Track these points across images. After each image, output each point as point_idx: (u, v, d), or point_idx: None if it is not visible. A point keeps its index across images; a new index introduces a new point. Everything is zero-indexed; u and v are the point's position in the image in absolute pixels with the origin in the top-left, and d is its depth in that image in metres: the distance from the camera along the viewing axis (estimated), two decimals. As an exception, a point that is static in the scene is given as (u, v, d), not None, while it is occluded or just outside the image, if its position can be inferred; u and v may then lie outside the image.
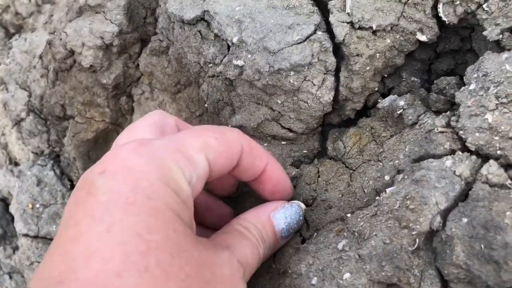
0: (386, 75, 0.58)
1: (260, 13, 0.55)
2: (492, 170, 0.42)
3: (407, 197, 0.44)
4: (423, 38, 0.54)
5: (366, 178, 0.53)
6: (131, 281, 0.30)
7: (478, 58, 0.50)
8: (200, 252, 0.36)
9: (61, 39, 0.73)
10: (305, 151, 0.60)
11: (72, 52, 0.72)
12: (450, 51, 0.58)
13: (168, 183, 0.35)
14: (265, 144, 0.60)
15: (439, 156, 0.45)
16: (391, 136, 0.54)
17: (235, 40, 0.56)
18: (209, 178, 0.41)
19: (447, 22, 0.53)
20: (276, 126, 0.58)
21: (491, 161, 0.42)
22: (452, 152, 0.45)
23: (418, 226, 0.42)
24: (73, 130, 0.76)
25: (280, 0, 0.55)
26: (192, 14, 0.60)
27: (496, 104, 0.44)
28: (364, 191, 0.52)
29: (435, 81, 0.55)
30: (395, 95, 0.56)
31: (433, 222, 0.41)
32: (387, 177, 0.49)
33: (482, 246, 0.39)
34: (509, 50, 0.46)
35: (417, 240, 0.42)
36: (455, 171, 0.43)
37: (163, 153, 0.37)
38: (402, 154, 0.50)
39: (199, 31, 0.61)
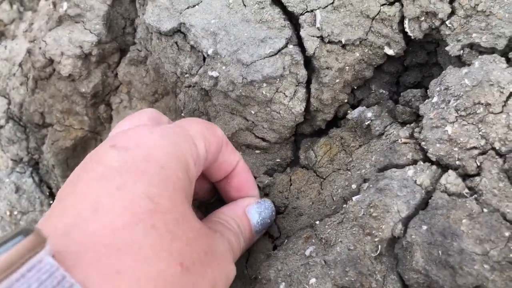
0: (356, 87, 0.60)
1: (234, 26, 0.57)
2: (450, 179, 0.44)
3: (371, 205, 0.46)
4: (390, 52, 0.57)
5: (335, 187, 0.55)
6: (138, 235, 0.30)
7: (442, 72, 0.53)
8: (201, 225, 0.38)
9: (40, 48, 0.74)
10: (278, 160, 0.62)
11: (51, 61, 0.73)
12: (417, 65, 0.60)
13: (180, 159, 0.37)
14: (240, 153, 0.62)
15: (402, 166, 0.48)
16: (360, 146, 0.56)
17: (210, 52, 0.58)
18: (203, 166, 0.44)
19: (413, 37, 0.55)
20: (250, 135, 0.60)
21: (450, 171, 0.44)
22: (414, 162, 0.47)
23: (380, 233, 0.44)
24: (52, 138, 0.76)
25: (254, 14, 0.57)
26: (169, 25, 0.61)
27: (456, 116, 0.46)
28: (333, 199, 0.54)
29: (401, 94, 0.57)
30: (364, 107, 0.58)
31: (394, 229, 0.43)
32: (354, 186, 0.51)
33: (440, 252, 0.41)
34: (468, 65, 0.49)
35: (379, 246, 0.43)
36: (416, 180, 0.45)
37: (173, 133, 0.39)
38: (369, 163, 0.52)
39: (176, 43, 0.62)
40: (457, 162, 0.45)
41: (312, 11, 0.54)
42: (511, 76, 0.45)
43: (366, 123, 0.56)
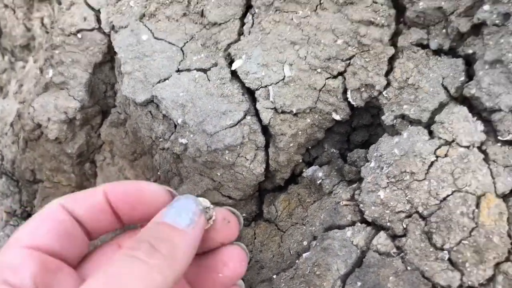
0: (310, 147, 0.67)
1: (200, 99, 0.64)
2: (381, 240, 0.51)
3: (315, 264, 0.52)
4: (337, 117, 0.64)
5: (293, 241, 0.61)
6: None
7: (384, 133, 0.60)
8: None
9: (29, 113, 0.81)
10: (244, 215, 0.69)
11: (39, 125, 0.80)
12: (363, 125, 0.67)
13: None
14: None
15: (343, 227, 0.54)
16: (314, 202, 0.63)
17: (179, 121, 0.65)
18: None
19: (355, 105, 0.62)
20: (218, 194, 0.67)
21: (381, 233, 0.51)
22: (353, 223, 0.54)
23: (322, 290, 0.50)
24: (42, 194, 0.83)
25: (216, 88, 0.64)
26: (143, 97, 0.69)
27: (387, 182, 0.53)
28: (290, 253, 0.60)
29: (348, 154, 0.64)
30: (317, 166, 0.65)
31: (334, 286, 0.50)
32: (305, 242, 0.58)
33: (371, 306, 0.48)
34: (400, 134, 0.56)
35: (322, 301, 0.50)
36: (353, 241, 0.52)
37: None
38: (319, 221, 0.59)
39: (150, 111, 0.70)
40: (388, 224, 0.52)
41: (266, 86, 0.62)
42: (432, 147, 0.52)
43: (318, 182, 0.63)
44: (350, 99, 0.62)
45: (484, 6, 0.52)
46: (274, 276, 0.57)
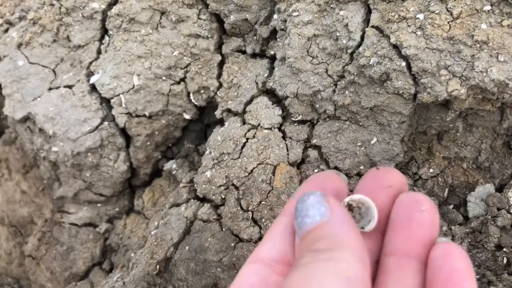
0: (171, 145, 0.78)
1: (66, 111, 0.74)
2: (204, 210, 0.62)
3: (157, 237, 0.63)
4: (188, 117, 0.75)
5: (152, 225, 0.71)
6: None
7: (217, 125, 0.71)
8: None
9: None
10: (117, 209, 0.78)
11: None
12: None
13: None
14: (85, 208, 0.78)
15: (180, 204, 0.65)
16: (172, 190, 0.74)
17: (50, 132, 0.75)
18: None
19: (198, 105, 0.74)
20: (90, 193, 0.76)
21: (205, 204, 0.62)
22: (188, 200, 0.65)
23: (158, 256, 0.60)
24: None
25: (79, 100, 0.74)
26: (21, 114, 0.78)
27: (213, 164, 0.64)
28: (150, 234, 0.70)
29: (198, 147, 0.75)
30: (174, 160, 0.76)
31: (167, 252, 0.60)
32: (156, 223, 0.68)
33: (193, 264, 0.58)
34: (224, 125, 0.68)
35: (157, 266, 0.60)
36: (184, 213, 0.63)
37: None
38: (168, 204, 0.69)
39: (28, 127, 0.79)
40: (212, 197, 0.63)
41: (118, 95, 0.73)
42: (243, 132, 0.64)
43: (173, 173, 0.74)
44: (193, 101, 0.74)
45: (274, 15, 0.65)
46: (132, 254, 0.67)
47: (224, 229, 0.59)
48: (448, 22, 0.52)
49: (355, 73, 0.57)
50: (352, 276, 0.27)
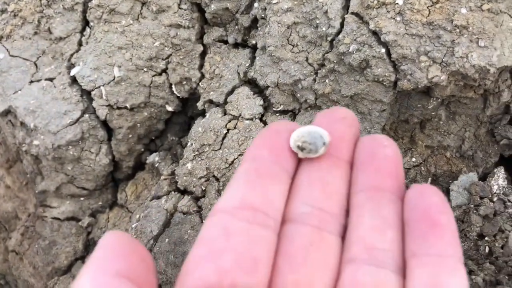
0: (155, 137, 0.77)
1: (46, 104, 0.73)
2: (184, 202, 0.61)
3: (138, 230, 0.62)
4: (170, 109, 0.74)
5: (135, 219, 0.70)
6: None
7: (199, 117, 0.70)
8: None
9: None
10: (100, 203, 0.77)
11: None
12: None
13: None
14: (68, 202, 0.77)
15: (160, 197, 0.64)
16: (156, 183, 0.73)
17: (32, 126, 0.74)
18: None
19: (180, 97, 0.73)
20: (72, 187, 0.75)
21: (185, 197, 0.61)
22: (168, 192, 0.64)
23: (138, 249, 0.60)
24: None
25: (59, 93, 0.73)
26: (1, 108, 0.77)
27: (193, 155, 0.64)
28: (132, 227, 0.69)
29: (181, 139, 0.74)
30: (156, 152, 0.75)
31: (147, 244, 0.60)
32: (137, 216, 0.67)
33: (172, 256, 0.57)
34: (205, 116, 0.67)
35: (137, 259, 0.59)
36: (164, 206, 0.62)
37: None
38: (151, 197, 0.68)
39: (10, 120, 0.78)
40: (193, 189, 0.62)
41: (99, 87, 0.71)
42: (224, 122, 0.63)
43: (156, 166, 0.73)
44: (176, 92, 0.73)
45: (255, 4, 0.63)
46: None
47: (204, 221, 0.58)
48: (427, 7, 0.51)
49: (335, 61, 0.56)
50: None
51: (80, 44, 0.76)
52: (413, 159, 0.60)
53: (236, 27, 0.69)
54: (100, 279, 0.24)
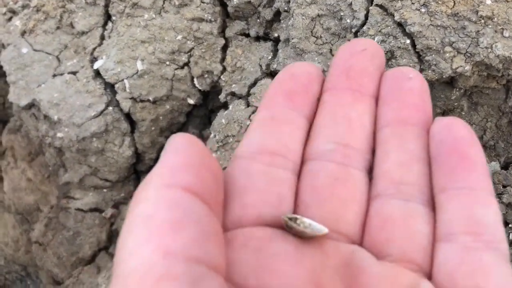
0: (176, 130, 0.78)
1: (70, 97, 0.75)
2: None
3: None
4: (191, 102, 0.75)
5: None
6: None
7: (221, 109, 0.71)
8: None
9: None
10: (123, 195, 0.79)
11: None
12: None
13: None
14: (91, 194, 0.78)
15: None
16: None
17: (55, 118, 0.75)
18: None
19: (202, 90, 0.74)
20: (96, 178, 0.77)
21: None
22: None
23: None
24: (-49, 202, 0.91)
25: (83, 86, 0.74)
26: (25, 101, 0.78)
27: (218, 146, 0.65)
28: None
29: (202, 132, 0.75)
30: (178, 145, 0.76)
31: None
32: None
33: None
34: (228, 108, 0.68)
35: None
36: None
37: None
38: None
39: (33, 113, 0.79)
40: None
41: (122, 80, 0.73)
42: (247, 114, 0.64)
43: (178, 157, 0.74)
44: (197, 85, 0.74)
45: (278, -3, 0.64)
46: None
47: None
48: (452, -1, 0.52)
49: (359, 53, 0.57)
50: None
51: (102, 38, 0.77)
52: (436, 149, 0.61)
53: (258, 20, 0.70)
54: (169, 193, 0.20)
